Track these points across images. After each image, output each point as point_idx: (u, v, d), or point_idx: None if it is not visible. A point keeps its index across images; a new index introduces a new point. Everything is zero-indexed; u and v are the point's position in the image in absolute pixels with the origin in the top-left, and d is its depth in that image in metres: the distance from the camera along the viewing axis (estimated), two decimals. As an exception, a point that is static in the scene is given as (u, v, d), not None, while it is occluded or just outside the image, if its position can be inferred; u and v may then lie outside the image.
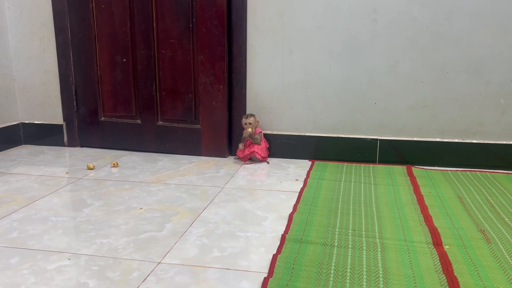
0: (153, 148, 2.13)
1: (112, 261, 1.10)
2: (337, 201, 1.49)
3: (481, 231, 1.25)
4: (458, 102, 1.87)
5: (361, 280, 1.00)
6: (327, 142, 2.00)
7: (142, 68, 2.07)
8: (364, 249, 1.14)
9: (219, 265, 1.08)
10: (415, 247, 1.16)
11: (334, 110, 1.97)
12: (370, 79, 1.91)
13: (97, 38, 2.09)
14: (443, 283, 0.98)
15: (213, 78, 1.97)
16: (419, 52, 1.85)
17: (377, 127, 1.95)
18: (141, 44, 2.04)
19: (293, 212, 1.39)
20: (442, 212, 1.39)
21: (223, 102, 1.99)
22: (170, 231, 1.27)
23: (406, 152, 1.93)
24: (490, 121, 1.86)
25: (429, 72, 1.86)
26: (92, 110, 2.18)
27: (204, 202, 1.50)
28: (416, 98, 1.89)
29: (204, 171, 1.85)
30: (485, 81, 1.83)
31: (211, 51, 1.95)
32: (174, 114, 2.08)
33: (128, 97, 2.12)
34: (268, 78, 2.00)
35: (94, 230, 1.28)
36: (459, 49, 1.82)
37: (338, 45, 1.91)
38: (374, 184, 1.66)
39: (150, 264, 1.08)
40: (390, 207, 1.43)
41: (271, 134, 2.04)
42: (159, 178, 1.75)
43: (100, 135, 2.20)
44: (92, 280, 1.01)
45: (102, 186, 1.65)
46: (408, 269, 1.05)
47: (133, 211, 1.42)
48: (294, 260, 1.08)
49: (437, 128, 1.90)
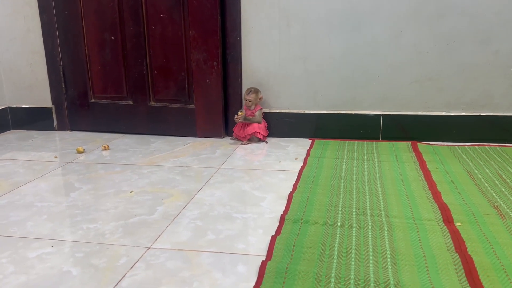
0: (146, 130, 2.04)
1: (98, 247, 1.02)
2: (339, 179, 1.41)
3: (494, 206, 1.17)
4: (465, 74, 1.77)
5: (367, 261, 0.92)
6: (328, 119, 1.90)
7: (131, 46, 1.96)
8: (370, 228, 1.06)
9: (214, 249, 1.00)
10: (424, 225, 1.08)
11: (334, 85, 1.88)
12: (372, 52, 1.81)
13: (83, 15, 1.98)
14: (457, 262, 0.91)
15: (206, 54, 1.87)
16: (423, 21, 1.74)
17: (380, 102, 1.85)
18: (129, 20, 1.94)
19: (293, 191, 1.31)
20: (452, 188, 1.31)
21: (218, 80, 1.89)
22: (161, 214, 1.19)
23: (410, 128, 1.84)
24: (499, 93, 1.76)
25: (434, 42, 1.76)
26: (82, 92, 2.08)
27: (198, 184, 1.41)
28: (421, 70, 1.79)
29: (199, 152, 1.76)
30: (494, 51, 1.73)
31: (204, 25, 1.84)
32: (167, 93, 1.98)
33: (118, 77, 2.02)
34: (265, 54, 1.89)
35: (80, 215, 1.20)
36: (465, 17, 1.71)
37: (337, 16, 1.80)
38: (378, 161, 1.58)
39: (139, 250, 1.00)
40: (395, 184, 1.35)
41: (269, 113, 1.94)
42: (152, 160, 1.67)
43: (90, 118, 2.10)
44: (76, 268, 0.93)
45: (92, 170, 1.57)
46: (418, 248, 0.97)
47: (123, 194, 1.34)
48: (294, 242, 1.00)
49: (443, 102, 1.81)
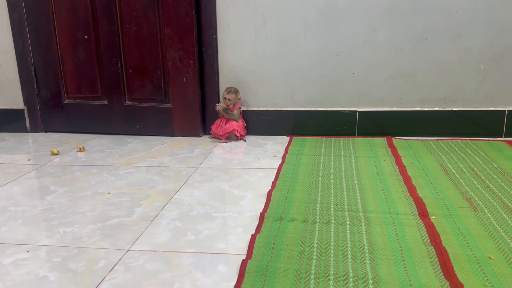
0: (122, 130, 2.01)
1: (76, 251, 1.00)
2: (317, 176, 1.42)
3: (467, 199, 1.20)
4: (438, 70, 1.81)
5: (346, 257, 0.93)
6: (305, 116, 1.92)
7: (105, 45, 1.93)
8: (348, 224, 1.08)
9: (194, 249, 1.00)
10: (401, 219, 1.10)
11: (311, 83, 1.89)
12: (347, 49, 1.83)
13: (55, 13, 1.93)
14: (432, 255, 0.93)
15: (182, 52, 1.85)
16: (397, 18, 1.77)
17: (356, 99, 1.88)
18: (103, 18, 1.90)
19: (272, 189, 1.32)
20: (426, 182, 1.34)
21: (194, 78, 1.88)
22: (140, 215, 1.18)
23: (386, 123, 1.87)
24: (470, 88, 1.81)
25: (407, 39, 1.79)
26: (55, 93, 2.03)
27: (177, 184, 1.40)
28: (395, 67, 1.83)
29: (177, 152, 1.75)
30: (465, 47, 1.77)
31: (179, 23, 1.83)
32: (143, 93, 1.95)
33: (92, 77, 1.98)
34: (241, 51, 1.89)
35: (57, 218, 1.17)
36: (438, 14, 1.75)
37: (313, 14, 1.81)
38: (354, 157, 1.60)
39: (118, 252, 0.99)
40: (372, 180, 1.37)
41: (247, 111, 1.94)
42: (129, 160, 1.65)
43: (64, 119, 2.06)
44: (53, 273, 0.91)
45: (67, 172, 1.54)
46: (394, 242, 0.99)
47: (100, 196, 1.32)
48: (274, 240, 1.01)
49: (417, 97, 1.85)
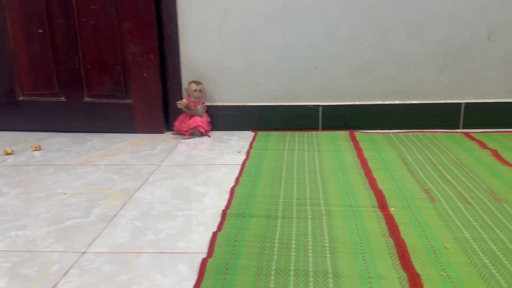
0: (81, 127, 1.94)
1: (28, 255, 0.96)
2: (280, 170, 1.42)
3: (425, 190, 1.23)
4: (398, 63, 1.84)
5: (307, 251, 0.93)
6: (270, 111, 1.91)
7: (61, 39, 1.85)
8: (309, 218, 1.08)
9: (154, 249, 0.98)
10: (361, 211, 1.11)
11: (275, 77, 1.88)
12: (310, 43, 1.83)
13: (6, 6, 1.84)
14: (391, 246, 0.94)
15: (142, 47, 1.80)
16: (358, 12, 1.79)
17: (319, 93, 1.89)
18: (58, 12, 1.82)
19: (235, 185, 1.30)
20: (387, 174, 1.36)
21: (156, 73, 1.84)
22: (98, 216, 1.14)
23: (348, 117, 1.89)
24: (429, 81, 1.86)
25: (368, 34, 1.81)
26: (8, 89, 1.94)
27: (137, 182, 1.37)
28: (357, 61, 1.84)
29: (139, 149, 1.70)
30: (424, 41, 1.81)
31: (139, 17, 1.77)
32: (102, 89, 1.89)
33: (48, 72, 1.90)
34: (204, 46, 1.86)
35: (8, 221, 1.12)
36: (397, 8, 1.78)
37: (275, 8, 1.80)
38: (318, 151, 1.61)
39: (73, 255, 0.96)
40: (334, 173, 1.38)
41: (211, 106, 1.92)
42: (88, 159, 1.59)
43: (20, 117, 1.97)
44: (3, 280, 0.87)
45: (22, 172, 1.47)
46: (355, 235, 1.00)
47: (56, 197, 1.27)
48: (235, 236, 1.00)
49: (378, 91, 1.87)
